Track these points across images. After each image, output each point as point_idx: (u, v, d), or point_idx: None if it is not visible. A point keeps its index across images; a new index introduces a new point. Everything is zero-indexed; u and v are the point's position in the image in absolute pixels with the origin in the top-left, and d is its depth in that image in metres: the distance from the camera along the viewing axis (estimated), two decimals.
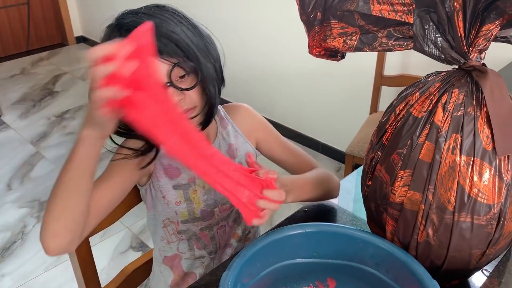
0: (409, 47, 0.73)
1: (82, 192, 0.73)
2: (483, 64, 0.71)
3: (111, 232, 2.14)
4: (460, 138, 0.68)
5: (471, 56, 0.69)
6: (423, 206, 0.70)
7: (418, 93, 0.73)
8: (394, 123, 0.75)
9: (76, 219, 0.74)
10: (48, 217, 0.73)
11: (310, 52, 0.82)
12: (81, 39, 4.49)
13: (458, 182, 0.67)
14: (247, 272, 0.71)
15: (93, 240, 0.96)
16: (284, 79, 2.76)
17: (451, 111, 0.69)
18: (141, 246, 2.09)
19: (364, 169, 0.81)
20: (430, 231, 0.70)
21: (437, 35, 0.69)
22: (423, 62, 1.21)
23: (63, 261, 1.99)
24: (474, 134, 0.67)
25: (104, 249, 2.06)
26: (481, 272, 0.84)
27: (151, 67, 0.60)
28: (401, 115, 0.74)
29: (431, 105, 0.70)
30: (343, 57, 0.82)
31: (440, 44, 0.69)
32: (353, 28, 0.75)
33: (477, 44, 0.68)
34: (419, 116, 0.71)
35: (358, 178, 1.13)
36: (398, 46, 0.74)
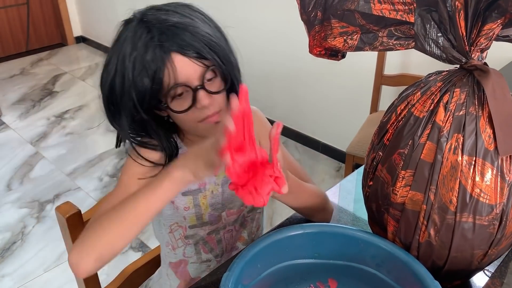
0: (410, 47, 0.73)
1: (143, 223, 0.73)
2: (485, 64, 0.70)
3: None
4: (462, 138, 0.67)
5: (472, 55, 0.69)
6: (424, 207, 0.69)
7: (419, 92, 0.72)
8: (396, 123, 0.74)
9: (124, 245, 0.74)
10: (96, 240, 0.73)
11: (310, 51, 0.81)
12: (81, 39, 4.49)
13: (460, 182, 0.67)
14: (248, 273, 0.71)
15: None
16: (285, 78, 2.75)
17: (453, 110, 0.68)
18: (141, 246, 2.09)
19: (365, 169, 0.81)
20: (432, 232, 0.70)
21: (439, 34, 0.68)
22: (423, 62, 1.21)
23: (63, 262, 1.98)
24: (476, 134, 0.67)
25: None
26: (483, 273, 0.84)
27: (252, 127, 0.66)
28: (402, 115, 0.73)
29: (433, 104, 0.70)
30: (343, 56, 0.82)
31: (441, 43, 0.69)
32: (354, 28, 0.74)
33: (478, 43, 0.68)
34: (421, 116, 0.70)
35: (359, 178, 1.12)
36: (399, 45, 0.73)
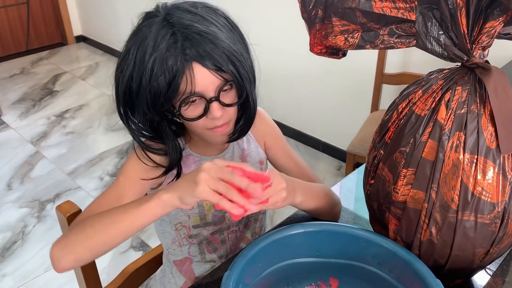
0: (411, 45, 0.72)
1: (126, 236, 0.75)
2: (486, 61, 0.70)
3: None
4: (463, 136, 0.67)
5: (474, 53, 0.69)
6: (426, 205, 0.69)
7: (420, 91, 0.72)
8: (397, 121, 0.74)
9: (105, 252, 0.77)
10: (78, 243, 0.76)
11: (311, 50, 0.81)
12: (81, 39, 4.48)
13: (462, 181, 0.67)
14: (249, 272, 0.71)
15: None
16: (285, 78, 2.75)
17: (454, 109, 0.68)
18: (141, 245, 2.09)
19: (366, 168, 0.81)
20: (434, 230, 0.70)
21: (440, 32, 0.68)
22: (424, 60, 1.21)
23: None
24: (478, 132, 0.67)
25: None
26: (484, 271, 0.84)
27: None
28: (403, 113, 0.73)
29: (434, 103, 0.70)
30: (344, 55, 0.81)
31: (443, 41, 0.68)
32: (355, 26, 0.74)
33: (480, 41, 0.67)
34: (422, 114, 0.70)
35: (360, 177, 1.12)
36: (400, 43, 0.73)
